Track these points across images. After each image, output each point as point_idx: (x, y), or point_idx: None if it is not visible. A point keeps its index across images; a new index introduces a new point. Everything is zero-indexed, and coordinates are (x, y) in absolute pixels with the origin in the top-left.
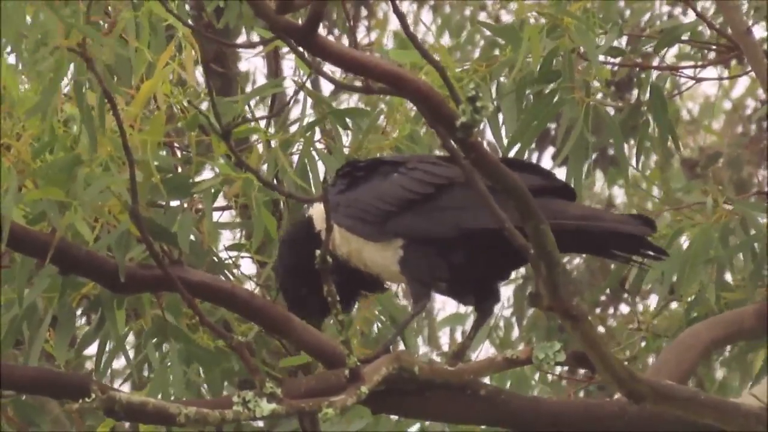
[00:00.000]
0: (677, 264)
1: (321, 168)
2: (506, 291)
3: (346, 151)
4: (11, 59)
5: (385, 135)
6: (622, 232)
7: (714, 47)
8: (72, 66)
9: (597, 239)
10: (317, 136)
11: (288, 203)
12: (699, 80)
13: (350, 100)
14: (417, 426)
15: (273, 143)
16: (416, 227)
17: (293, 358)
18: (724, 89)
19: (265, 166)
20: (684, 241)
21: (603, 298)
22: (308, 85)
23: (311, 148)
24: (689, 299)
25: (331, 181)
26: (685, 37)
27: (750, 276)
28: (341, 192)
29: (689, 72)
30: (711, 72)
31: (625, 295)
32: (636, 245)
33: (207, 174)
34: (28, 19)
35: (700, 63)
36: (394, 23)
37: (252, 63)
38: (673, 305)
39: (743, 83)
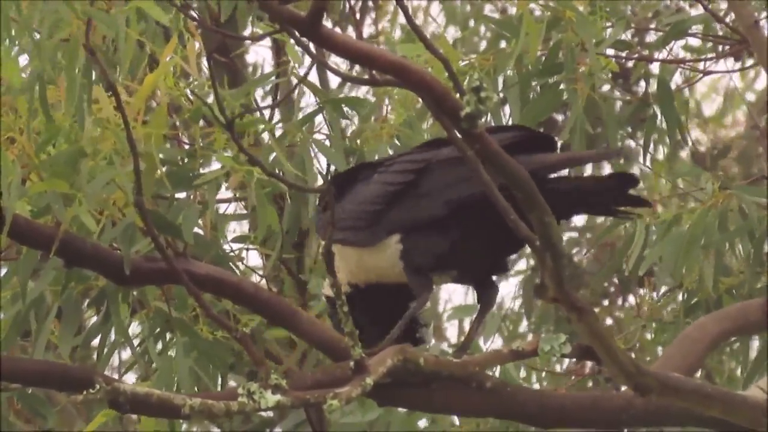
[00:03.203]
0: (675, 250)
1: (322, 160)
2: (514, 282)
3: (346, 140)
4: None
5: (385, 123)
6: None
7: (721, 40)
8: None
9: (581, 184)
10: (321, 127)
11: (290, 194)
12: (707, 73)
13: (358, 93)
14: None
15: (277, 133)
16: (407, 217)
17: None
18: (744, 79)
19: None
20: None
21: (611, 289)
22: (316, 78)
23: (309, 140)
24: (689, 285)
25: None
26: (694, 30)
27: (749, 261)
28: (325, 210)
29: (697, 65)
30: (721, 65)
31: (632, 287)
32: (620, 187)
33: (215, 166)
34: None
35: (708, 56)
36: (402, 17)
37: (259, 56)
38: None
39: (762, 78)
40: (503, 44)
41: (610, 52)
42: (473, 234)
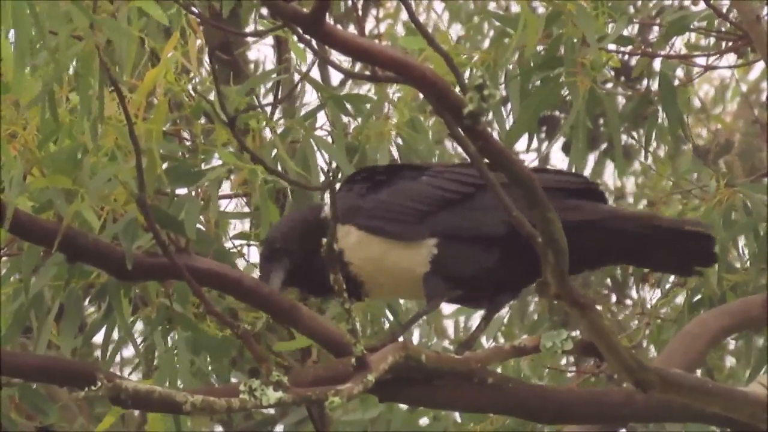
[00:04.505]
0: None
1: (325, 156)
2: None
3: (348, 138)
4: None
5: (387, 121)
6: (684, 230)
7: (723, 36)
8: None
9: (652, 241)
10: (325, 124)
11: (293, 192)
12: (708, 68)
13: (360, 91)
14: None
15: (279, 130)
16: (457, 226)
17: (289, 342)
18: (738, 76)
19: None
20: None
21: (608, 289)
22: (317, 75)
23: (311, 137)
24: (693, 282)
25: (346, 186)
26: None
27: (753, 258)
28: (362, 195)
29: (700, 60)
30: (723, 61)
31: (631, 284)
32: (695, 249)
33: (216, 162)
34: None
35: (710, 52)
36: (404, 14)
37: (261, 53)
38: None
39: (758, 71)
40: (507, 41)
41: (612, 49)
42: (509, 260)
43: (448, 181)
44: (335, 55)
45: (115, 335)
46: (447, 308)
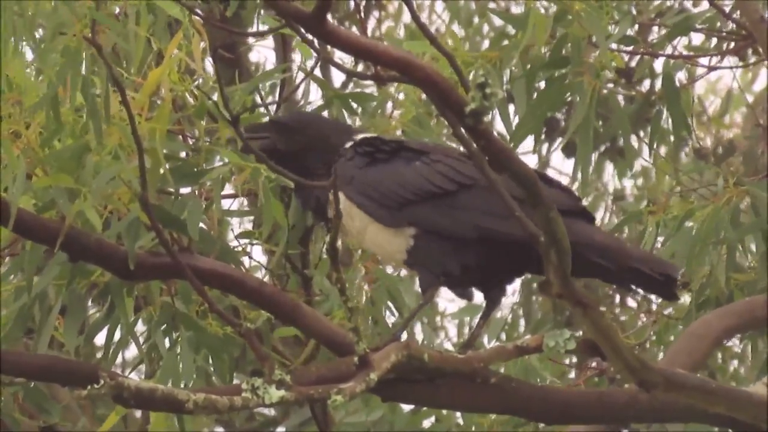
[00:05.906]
0: (687, 246)
1: None
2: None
3: None
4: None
5: (391, 119)
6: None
7: (726, 37)
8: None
9: (618, 271)
10: None
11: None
12: (712, 69)
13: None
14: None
15: None
16: (434, 221)
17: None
18: (742, 80)
19: None
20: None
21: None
22: (319, 74)
23: None
24: (700, 282)
25: (349, 154)
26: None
27: (761, 257)
28: (359, 168)
29: (703, 61)
30: (726, 63)
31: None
32: (658, 286)
33: (219, 162)
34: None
35: (713, 53)
36: (405, 16)
37: (262, 54)
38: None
39: (762, 83)
40: (506, 43)
41: (613, 49)
42: (484, 263)
43: (436, 174)
44: (337, 56)
45: (118, 335)
46: (448, 307)
